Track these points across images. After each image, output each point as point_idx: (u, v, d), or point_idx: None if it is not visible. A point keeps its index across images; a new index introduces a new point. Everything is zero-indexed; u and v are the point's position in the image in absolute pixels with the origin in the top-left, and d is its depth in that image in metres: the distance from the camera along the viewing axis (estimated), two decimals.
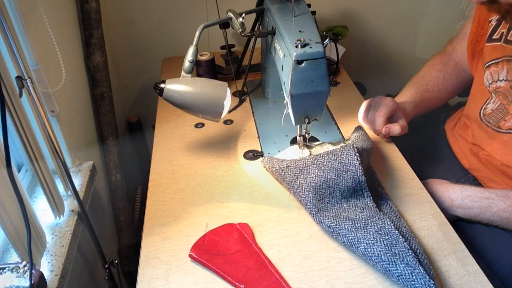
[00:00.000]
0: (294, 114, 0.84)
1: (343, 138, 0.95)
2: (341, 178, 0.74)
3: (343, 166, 0.75)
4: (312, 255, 0.69)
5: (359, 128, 0.90)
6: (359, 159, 0.74)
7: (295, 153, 0.87)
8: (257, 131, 1.00)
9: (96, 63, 1.15)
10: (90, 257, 1.05)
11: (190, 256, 0.69)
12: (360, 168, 0.74)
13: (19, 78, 0.70)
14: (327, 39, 0.79)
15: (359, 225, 0.69)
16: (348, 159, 0.75)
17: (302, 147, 0.87)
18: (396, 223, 0.71)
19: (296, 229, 0.74)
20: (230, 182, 0.85)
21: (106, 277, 1.01)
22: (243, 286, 0.64)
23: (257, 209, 0.78)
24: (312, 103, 0.81)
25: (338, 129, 0.99)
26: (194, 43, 0.84)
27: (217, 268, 0.66)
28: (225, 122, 1.03)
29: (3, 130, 0.60)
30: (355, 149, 0.76)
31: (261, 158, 0.90)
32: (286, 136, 0.97)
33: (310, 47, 0.75)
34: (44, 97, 0.86)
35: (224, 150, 0.94)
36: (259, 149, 0.93)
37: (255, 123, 1.02)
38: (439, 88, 1.00)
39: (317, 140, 0.94)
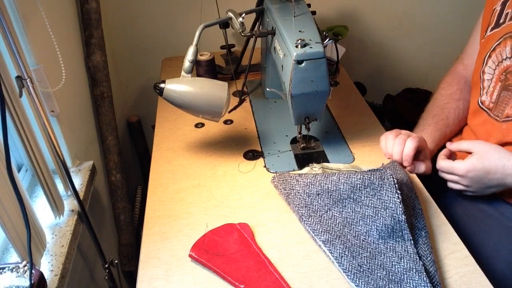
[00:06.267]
0: (294, 114, 0.84)
1: (345, 139, 0.95)
2: (379, 215, 0.70)
3: (382, 203, 0.70)
4: (312, 255, 0.69)
5: (393, 162, 0.84)
6: (400, 196, 0.69)
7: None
8: (257, 131, 1.00)
9: (96, 63, 1.15)
10: (90, 257, 1.05)
11: (190, 256, 0.69)
12: (401, 206, 0.68)
13: (19, 78, 0.70)
14: (328, 39, 0.79)
15: (393, 278, 0.64)
16: (387, 196, 0.70)
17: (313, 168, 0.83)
18: (429, 266, 0.66)
19: (296, 229, 0.74)
20: (230, 182, 0.85)
21: (106, 277, 1.01)
22: (243, 286, 0.64)
23: (257, 209, 0.79)
24: (312, 103, 0.81)
25: (339, 129, 0.99)
26: (194, 43, 0.84)
27: (217, 268, 0.66)
28: (225, 122, 1.03)
29: (3, 130, 0.60)
30: (396, 185, 0.70)
31: (271, 177, 0.84)
32: (286, 136, 0.97)
33: (310, 47, 0.75)
34: (44, 97, 0.86)
35: (224, 150, 0.94)
36: (259, 149, 0.93)
37: (255, 123, 1.02)
38: (460, 119, 0.94)
39: (317, 140, 0.94)
